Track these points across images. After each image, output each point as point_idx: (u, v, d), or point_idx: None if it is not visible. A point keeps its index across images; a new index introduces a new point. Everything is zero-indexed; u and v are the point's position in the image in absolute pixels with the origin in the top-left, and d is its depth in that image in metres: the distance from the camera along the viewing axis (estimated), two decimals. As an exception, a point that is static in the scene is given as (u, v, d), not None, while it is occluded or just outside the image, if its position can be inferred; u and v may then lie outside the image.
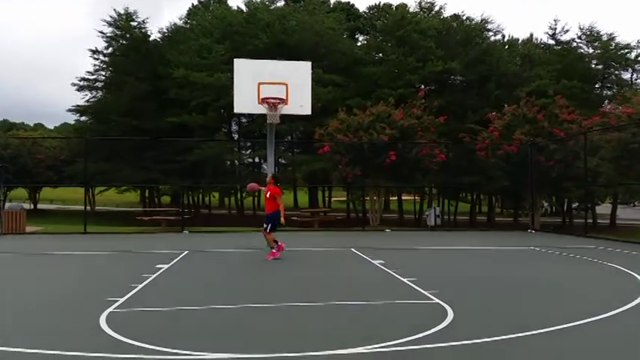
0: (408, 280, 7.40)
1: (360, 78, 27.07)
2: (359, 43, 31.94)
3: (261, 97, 11.71)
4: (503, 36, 31.22)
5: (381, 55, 28.81)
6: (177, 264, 9.31)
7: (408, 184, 21.90)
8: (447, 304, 5.80)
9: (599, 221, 27.72)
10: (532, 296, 6.66)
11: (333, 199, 39.08)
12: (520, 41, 31.32)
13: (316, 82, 23.54)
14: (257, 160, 29.64)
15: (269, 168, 12.91)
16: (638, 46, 29.74)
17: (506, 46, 30.03)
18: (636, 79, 30.90)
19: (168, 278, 7.81)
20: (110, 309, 5.49)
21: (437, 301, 6.01)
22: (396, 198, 31.00)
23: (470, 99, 25.91)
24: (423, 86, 26.06)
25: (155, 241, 13.92)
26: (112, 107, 28.63)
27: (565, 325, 4.90)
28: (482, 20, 30.14)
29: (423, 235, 17.44)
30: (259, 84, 11.73)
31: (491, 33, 30.33)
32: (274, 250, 9.96)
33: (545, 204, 39.20)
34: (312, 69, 22.93)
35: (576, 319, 5.12)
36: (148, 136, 24.45)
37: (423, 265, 9.74)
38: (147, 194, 33.77)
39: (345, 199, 32.04)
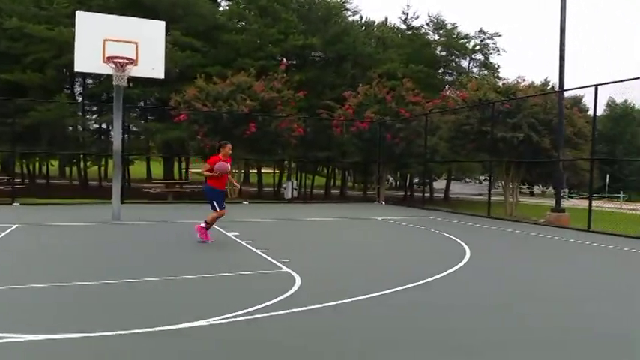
0: (261, 251, 7.44)
1: (221, 45, 26.17)
2: (221, 9, 30.75)
3: (106, 55, 10.64)
4: (361, 17, 32.54)
5: (243, 23, 28.16)
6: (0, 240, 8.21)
7: (268, 157, 21.96)
8: (295, 272, 5.95)
9: (435, 195, 30.84)
10: (375, 261, 7.14)
11: (190, 170, 37.80)
12: (376, 24, 32.95)
13: (173, 44, 22.23)
14: (104, 126, 27.25)
15: (116, 135, 11.87)
16: (476, 36, 33.24)
17: (363, 28, 31.36)
18: (472, 67, 34.57)
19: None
20: None
21: (286, 269, 6.13)
22: (255, 171, 30.95)
23: (328, 76, 26.65)
24: (284, 59, 26.11)
25: (-24, 214, 12.11)
26: None
27: (400, 288, 5.33)
28: (341, 0, 31.02)
29: (280, 207, 17.72)
30: (105, 41, 10.62)
31: (349, 13, 31.39)
32: (206, 231, 8.56)
33: (391, 178, 42.64)
34: (169, 30, 21.61)
35: (411, 282, 5.60)
36: (-31, 94, 20.97)
37: (277, 235, 9.89)
38: (-32, 161, 29.17)
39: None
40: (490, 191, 16.44)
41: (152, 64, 11.02)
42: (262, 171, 29.94)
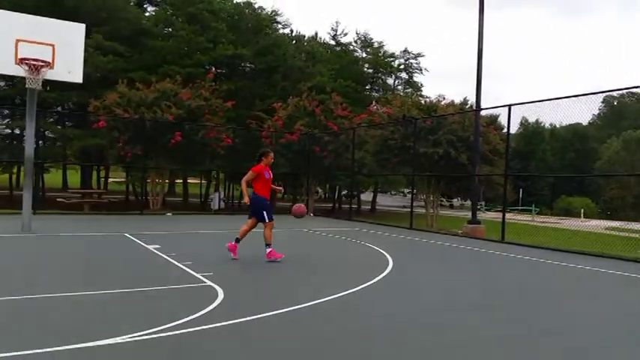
0: (183, 265, 7.22)
1: (146, 50, 25.39)
2: (147, 14, 29.85)
3: (19, 56, 9.98)
4: (292, 30, 32.90)
5: (170, 29, 27.51)
6: None
7: (195, 167, 21.45)
8: (219, 285, 5.82)
9: (363, 207, 31.53)
10: (299, 274, 7.16)
11: (110, 179, 36.12)
12: (306, 38, 33.43)
13: (95, 48, 21.31)
14: (17, 131, 25.43)
15: (28, 141, 11.08)
16: (401, 56, 34.59)
17: (294, 41, 31.70)
18: (397, 85, 35.90)
19: None
20: None
21: (209, 283, 5.99)
22: (181, 181, 30.12)
23: (258, 87, 26.64)
24: (213, 68, 25.75)
25: None
26: None
27: (321, 300, 5.38)
28: (272, 12, 31.20)
29: (206, 218, 17.33)
30: (17, 41, 9.97)
31: (280, 25, 31.64)
32: (273, 249, 8.06)
33: (320, 190, 43.10)
34: (92, 33, 20.63)
35: (332, 294, 5.66)
36: None
37: (201, 248, 9.65)
38: None
39: (124, 180, 29.81)
40: (412, 204, 17.04)
41: (69, 68, 10.46)
42: (189, 181, 29.19)
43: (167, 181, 24.88)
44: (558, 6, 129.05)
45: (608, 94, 72.40)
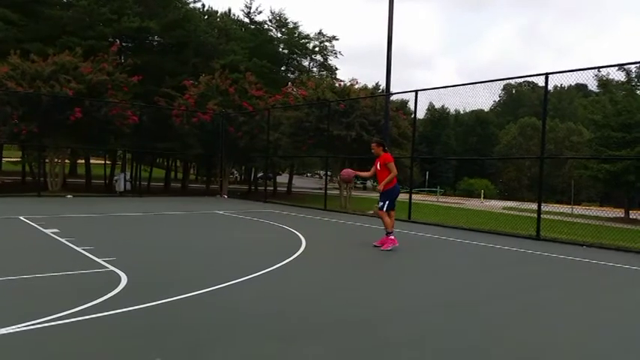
0: (83, 249, 6.78)
1: (42, 20, 23.28)
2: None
3: None
4: (203, 5, 31.74)
5: (70, -2, 25.38)
6: None
7: (97, 146, 20.13)
8: (122, 270, 5.54)
9: (278, 189, 31.49)
10: (209, 257, 6.99)
11: (4, 159, 33.06)
12: (218, 14, 32.38)
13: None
14: None
15: None
16: (316, 38, 34.63)
17: (205, 16, 30.58)
18: (312, 67, 35.99)
19: None
20: None
21: (112, 268, 5.68)
22: (84, 162, 28.17)
23: (167, 63, 25.39)
24: (117, 41, 24.16)
25: None
26: None
27: (233, 282, 5.30)
28: (182, -16, 29.78)
29: (111, 201, 16.43)
30: None
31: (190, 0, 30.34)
32: (392, 237, 7.77)
33: (236, 172, 42.48)
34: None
35: (242, 276, 5.59)
36: None
37: (104, 232, 9.12)
38: None
39: (20, 159, 27.36)
40: (326, 185, 17.29)
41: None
42: (91, 161, 27.41)
43: (67, 161, 23.20)
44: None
45: (507, 81, 77.79)
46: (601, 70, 13.86)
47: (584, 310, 4.97)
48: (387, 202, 7.94)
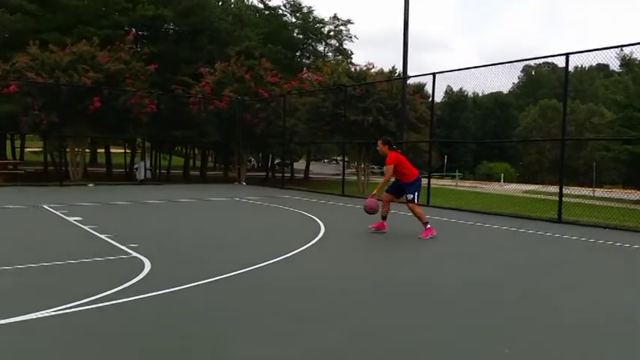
0: (106, 236, 6.90)
1: (59, 10, 23.44)
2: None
3: None
4: (217, -9, 31.55)
5: (86, -13, 25.48)
6: None
7: (117, 134, 20.35)
8: (145, 257, 5.62)
9: (296, 175, 31.56)
10: (229, 242, 7.06)
11: (26, 149, 33.64)
12: (233, 0, 32.23)
13: (0, 6, 19.46)
14: None
15: None
16: (330, 22, 34.31)
17: (220, 2, 30.47)
18: (328, 52, 35.72)
19: None
20: None
21: (135, 254, 5.76)
22: (104, 150, 28.54)
23: (183, 50, 25.43)
24: (133, 30, 24.25)
25: None
26: None
27: (255, 266, 5.34)
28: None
29: (131, 189, 16.65)
30: None
31: (204, -15, 30.18)
32: (429, 226, 7.81)
33: (253, 159, 42.64)
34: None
35: (264, 260, 5.63)
36: None
37: (125, 219, 9.26)
38: None
39: (42, 149, 27.83)
40: (344, 171, 17.26)
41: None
42: (111, 150, 27.77)
43: (88, 150, 23.52)
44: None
45: (526, 63, 76.26)
46: (623, 49, 13.52)
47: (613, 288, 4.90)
48: (416, 194, 7.89)
